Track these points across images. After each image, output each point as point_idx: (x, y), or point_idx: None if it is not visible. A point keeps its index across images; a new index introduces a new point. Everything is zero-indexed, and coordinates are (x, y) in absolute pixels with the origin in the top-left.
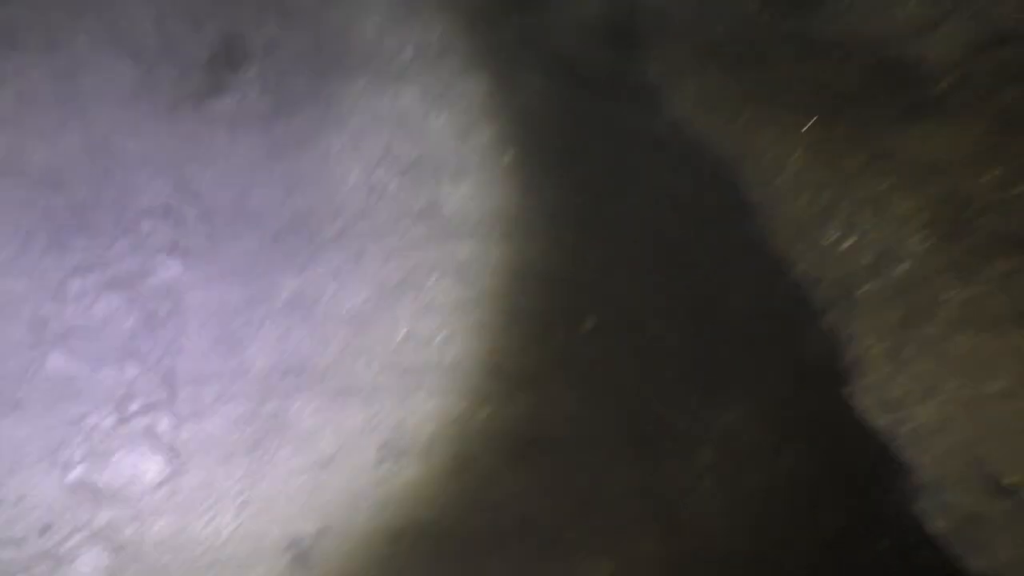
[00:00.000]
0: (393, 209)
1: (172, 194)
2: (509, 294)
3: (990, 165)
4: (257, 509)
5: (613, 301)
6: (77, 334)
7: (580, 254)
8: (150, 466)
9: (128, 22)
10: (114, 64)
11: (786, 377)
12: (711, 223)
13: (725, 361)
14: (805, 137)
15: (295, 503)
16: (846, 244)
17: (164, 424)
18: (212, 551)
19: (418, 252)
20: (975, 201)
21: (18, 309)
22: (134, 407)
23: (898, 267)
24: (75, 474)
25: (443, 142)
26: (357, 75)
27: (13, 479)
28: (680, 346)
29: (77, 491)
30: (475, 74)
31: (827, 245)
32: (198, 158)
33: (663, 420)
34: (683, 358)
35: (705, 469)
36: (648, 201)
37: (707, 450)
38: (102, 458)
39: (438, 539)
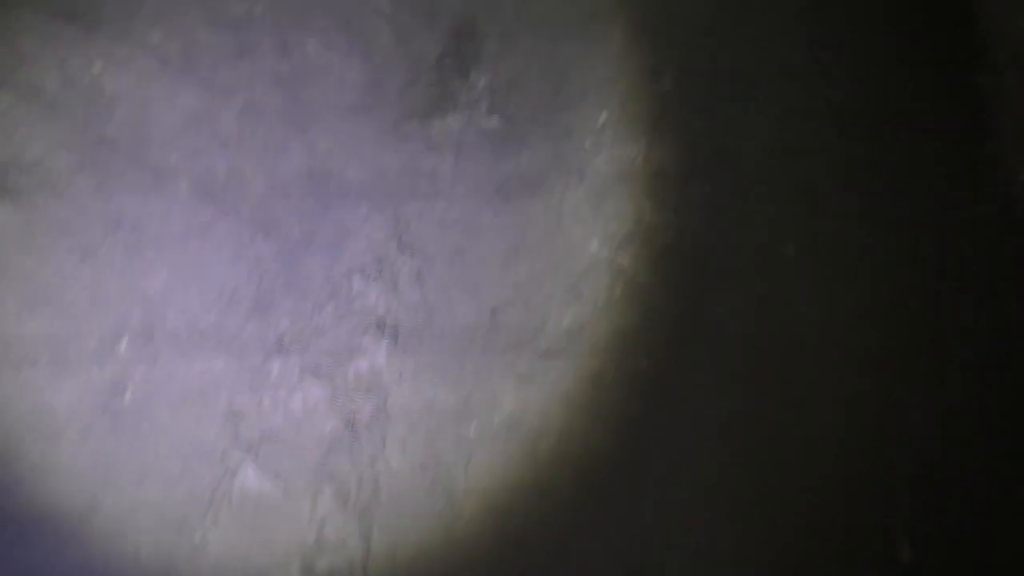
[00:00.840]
0: (643, 312)
1: (386, 242)
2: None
3: None
4: None
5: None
6: (272, 439)
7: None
8: None
9: (361, 20)
10: (343, 68)
11: None
12: None
13: None
14: None
15: None
16: None
17: None
18: None
19: (680, 387)
20: None
21: (215, 398)
22: (323, 564)
23: None
24: None
25: (711, 221)
26: (598, 100)
27: None
28: None
29: None
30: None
31: None
32: (417, 193)
33: None
34: None
35: None
36: None
37: None
38: None
39: None
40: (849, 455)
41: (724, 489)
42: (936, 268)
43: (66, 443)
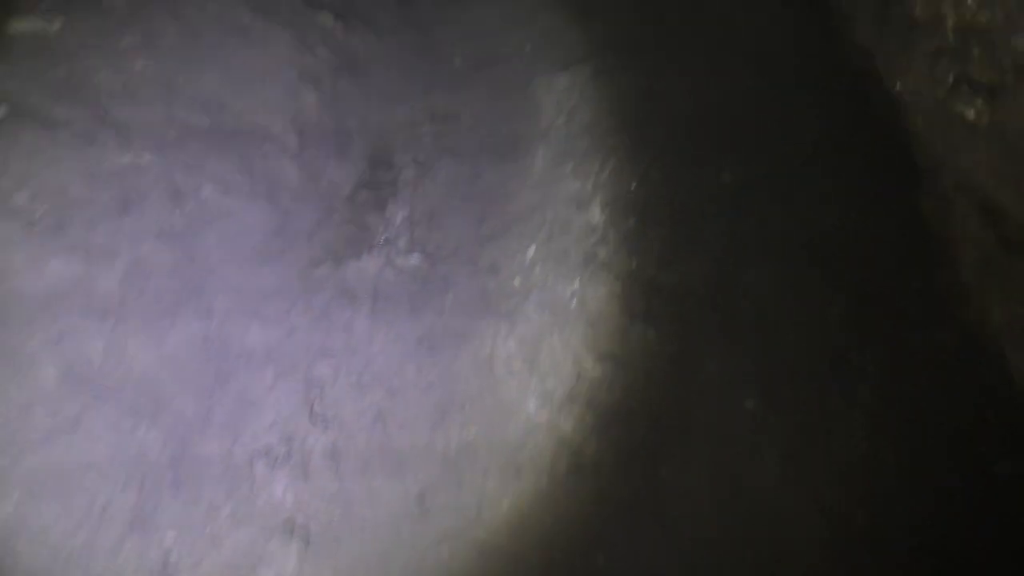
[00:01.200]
0: (593, 494)
1: (295, 415)
2: None
3: None
4: None
5: None
6: None
7: None
8: None
9: (263, 159)
10: (244, 213)
11: None
12: None
13: None
14: None
15: None
16: None
17: None
18: None
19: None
20: None
21: None
22: None
23: None
24: None
25: (659, 374)
26: (525, 231)
27: None
28: None
29: None
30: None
31: None
32: (331, 353)
33: None
34: None
35: None
36: None
37: None
38: None
39: None
40: None
41: None
42: (907, 412)
43: None
